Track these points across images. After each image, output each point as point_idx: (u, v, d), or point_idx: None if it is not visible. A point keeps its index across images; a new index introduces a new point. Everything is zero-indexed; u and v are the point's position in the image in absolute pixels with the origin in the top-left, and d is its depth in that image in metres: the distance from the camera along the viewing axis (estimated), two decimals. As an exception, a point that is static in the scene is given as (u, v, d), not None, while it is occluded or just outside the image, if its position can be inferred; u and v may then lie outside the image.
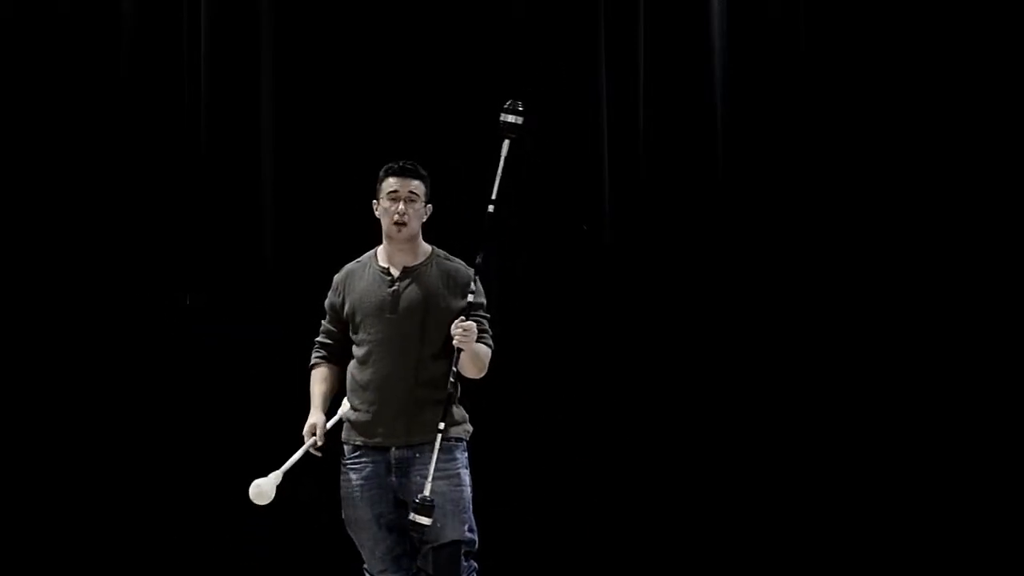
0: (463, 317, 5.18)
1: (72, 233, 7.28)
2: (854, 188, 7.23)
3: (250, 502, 7.21)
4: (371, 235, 7.13)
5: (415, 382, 5.23)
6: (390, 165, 5.42)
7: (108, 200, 7.30)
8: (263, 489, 5.29)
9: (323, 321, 5.50)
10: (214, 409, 7.24)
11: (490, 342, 5.33)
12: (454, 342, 5.15)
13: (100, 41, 7.33)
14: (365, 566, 5.39)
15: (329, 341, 5.46)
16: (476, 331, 5.18)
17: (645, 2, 7.34)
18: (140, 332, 7.27)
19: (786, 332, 7.20)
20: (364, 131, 7.31)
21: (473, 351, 5.20)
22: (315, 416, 5.38)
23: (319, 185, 7.32)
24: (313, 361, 5.49)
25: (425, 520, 5.06)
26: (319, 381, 5.45)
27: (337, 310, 5.43)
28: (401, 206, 5.33)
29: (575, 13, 7.34)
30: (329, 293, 5.49)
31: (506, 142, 5.33)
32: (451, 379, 5.17)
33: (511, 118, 5.35)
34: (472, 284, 5.25)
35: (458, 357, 5.17)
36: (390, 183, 5.38)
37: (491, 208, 5.30)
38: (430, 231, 5.53)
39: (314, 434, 5.34)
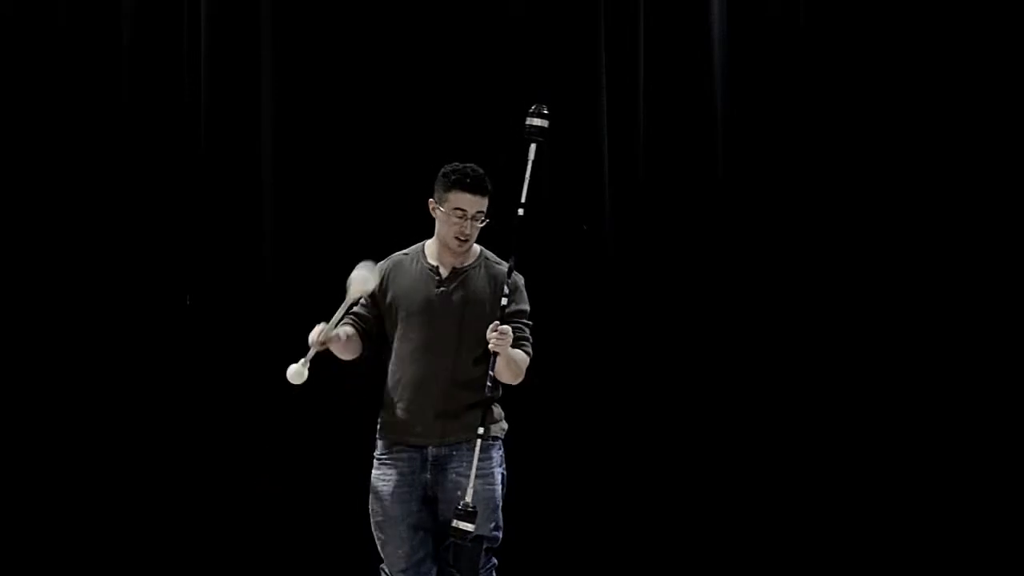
0: (497, 321, 5.17)
1: (72, 233, 7.28)
2: (854, 187, 7.23)
3: (251, 496, 7.26)
4: (371, 235, 7.16)
5: (456, 383, 5.21)
6: (459, 177, 5.27)
7: (108, 200, 7.29)
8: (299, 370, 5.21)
9: (355, 307, 5.38)
10: (214, 409, 7.23)
11: (529, 350, 5.33)
12: (490, 346, 5.13)
13: (100, 41, 7.33)
14: (383, 566, 5.36)
15: (360, 324, 5.36)
16: (512, 335, 5.16)
17: (645, 2, 7.34)
18: (140, 332, 7.27)
19: (786, 331, 7.20)
20: (364, 131, 7.31)
21: (509, 356, 5.19)
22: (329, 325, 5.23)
23: (319, 185, 7.32)
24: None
25: (469, 526, 5.04)
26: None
27: (376, 297, 5.35)
28: (467, 227, 5.27)
29: (575, 13, 7.34)
30: None
31: (532, 146, 5.31)
32: (488, 383, 5.16)
33: (537, 121, 5.33)
34: (506, 287, 5.23)
35: (494, 361, 5.15)
36: (460, 199, 5.25)
37: (520, 212, 5.28)
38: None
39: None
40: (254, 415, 7.22)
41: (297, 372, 5.23)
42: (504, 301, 5.22)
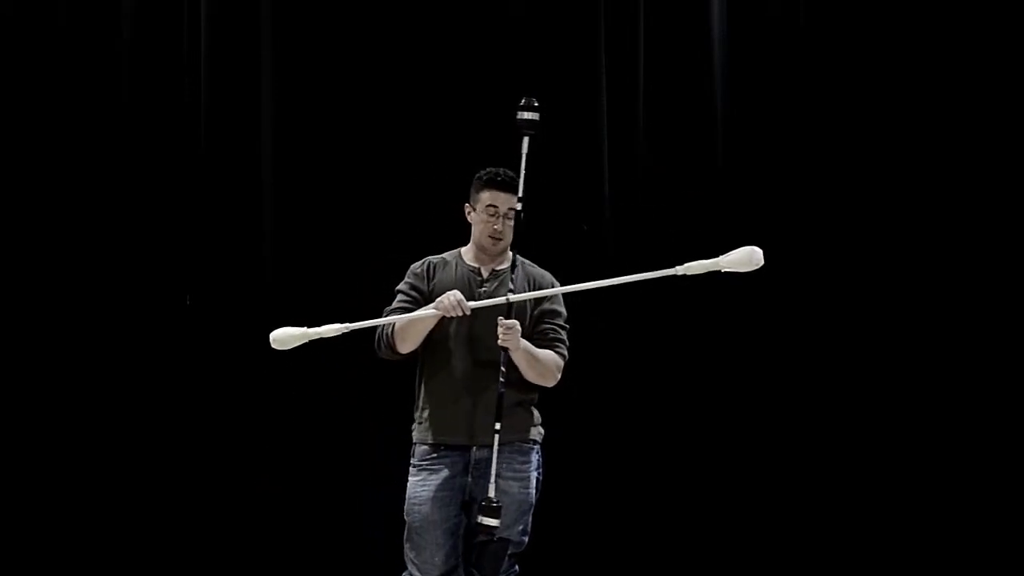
0: (502, 317, 5.19)
1: (72, 234, 7.27)
2: (854, 187, 7.23)
3: (251, 497, 7.25)
4: (371, 234, 7.16)
5: (498, 382, 5.20)
6: (491, 176, 5.37)
7: (108, 200, 7.29)
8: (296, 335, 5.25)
9: (396, 302, 5.39)
10: (214, 409, 7.23)
11: (563, 351, 5.37)
12: (498, 341, 5.17)
13: (100, 41, 7.33)
14: (409, 572, 5.34)
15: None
16: (519, 330, 5.18)
17: (645, 2, 7.34)
18: (140, 332, 7.26)
19: (786, 332, 7.19)
20: (363, 131, 7.31)
21: (530, 354, 5.24)
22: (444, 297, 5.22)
23: (319, 185, 7.32)
24: (389, 319, 5.32)
25: (493, 522, 5.06)
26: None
27: (424, 294, 5.36)
28: (499, 224, 5.34)
29: (575, 13, 7.34)
30: (409, 278, 5.43)
31: (525, 139, 5.34)
32: (500, 379, 5.18)
33: (528, 115, 5.36)
34: (511, 283, 5.25)
35: (506, 357, 5.18)
36: (490, 197, 5.35)
37: (519, 206, 5.32)
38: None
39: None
40: (254, 415, 7.21)
41: (290, 336, 5.24)
42: (510, 296, 5.24)
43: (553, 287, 5.44)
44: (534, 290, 5.38)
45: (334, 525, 7.15)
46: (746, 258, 5.14)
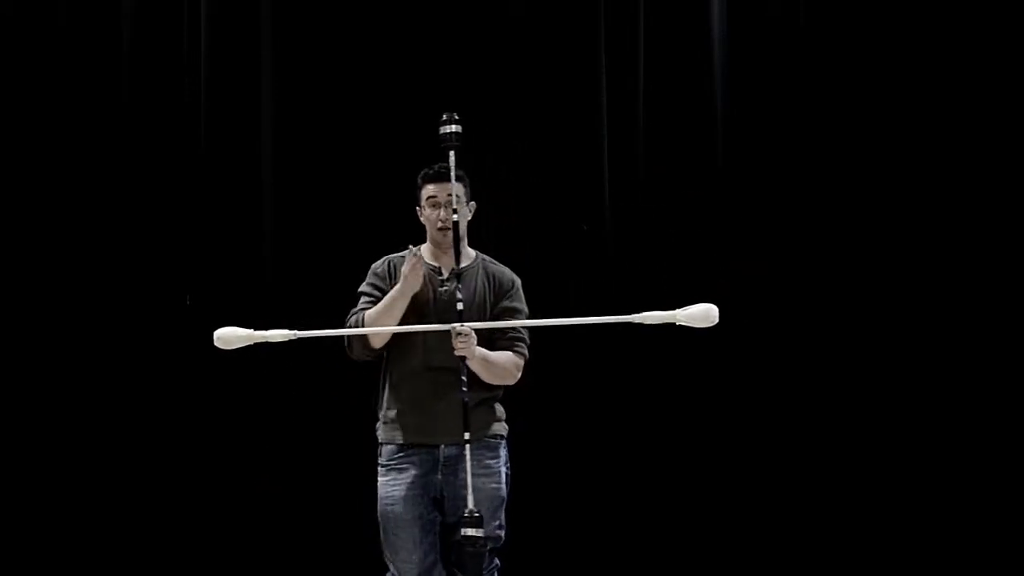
0: (458, 324, 5.19)
1: (73, 234, 7.28)
2: (854, 186, 7.23)
3: (251, 496, 7.25)
4: (370, 234, 7.16)
5: (462, 392, 5.21)
6: (426, 171, 5.46)
7: (108, 200, 7.30)
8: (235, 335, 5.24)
9: (360, 303, 5.43)
10: (214, 409, 7.24)
11: (523, 350, 5.39)
12: (454, 351, 5.17)
13: (100, 41, 7.34)
14: (390, 572, 5.36)
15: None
16: (475, 339, 5.19)
17: (645, 2, 7.34)
18: (140, 332, 7.27)
19: (786, 334, 7.19)
20: (363, 131, 7.31)
21: (486, 360, 5.25)
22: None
23: (319, 185, 7.33)
24: (356, 317, 5.38)
25: (478, 532, 5.05)
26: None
27: (385, 293, 5.38)
28: (442, 212, 5.37)
29: (575, 13, 7.34)
30: (371, 277, 5.48)
31: (451, 153, 5.34)
32: (463, 388, 5.18)
33: (451, 128, 5.36)
34: (459, 292, 5.25)
35: (464, 365, 5.19)
36: (429, 189, 5.43)
37: (456, 217, 5.33)
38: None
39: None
40: (254, 415, 7.22)
41: (235, 336, 5.24)
42: (460, 297, 5.23)
43: (514, 284, 5.46)
44: (494, 287, 5.41)
45: (334, 525, 7.15)
46: (702, 315, 5.16)
